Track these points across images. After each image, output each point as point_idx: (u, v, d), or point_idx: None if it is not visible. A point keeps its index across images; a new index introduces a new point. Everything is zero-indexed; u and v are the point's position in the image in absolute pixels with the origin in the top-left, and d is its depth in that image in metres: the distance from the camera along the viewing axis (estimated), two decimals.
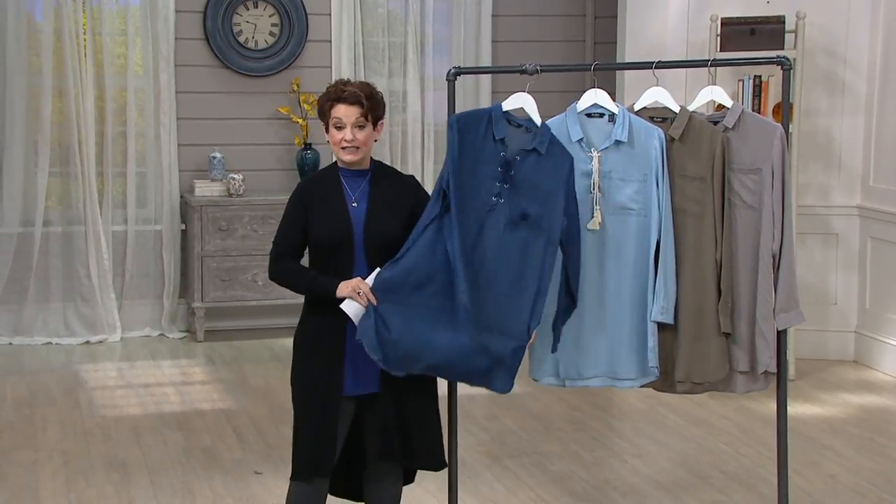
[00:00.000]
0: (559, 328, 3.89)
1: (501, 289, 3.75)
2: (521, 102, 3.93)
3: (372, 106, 3.79)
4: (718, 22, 6.84)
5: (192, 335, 7.83)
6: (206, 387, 6.77)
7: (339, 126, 3.79)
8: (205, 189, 7.78)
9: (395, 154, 8.27)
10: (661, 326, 3.97)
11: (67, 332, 7.77)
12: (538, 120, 3.89)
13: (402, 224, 3.80)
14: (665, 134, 3.97)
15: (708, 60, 4.20)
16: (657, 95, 4.07)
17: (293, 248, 3.85)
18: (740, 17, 6.84)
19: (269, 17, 8.05)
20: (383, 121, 3.88)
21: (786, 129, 4.03)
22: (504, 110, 3.89)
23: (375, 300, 3.71)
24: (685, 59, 6.95)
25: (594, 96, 4.01)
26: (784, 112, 4.13)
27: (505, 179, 3.80)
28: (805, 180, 7.14)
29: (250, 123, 8.06)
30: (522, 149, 3.83)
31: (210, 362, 7.29)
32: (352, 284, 3.72)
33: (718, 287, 3.99)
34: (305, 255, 3.90)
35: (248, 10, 8.02)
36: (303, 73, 8.05)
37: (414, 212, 3.82)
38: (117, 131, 7.85)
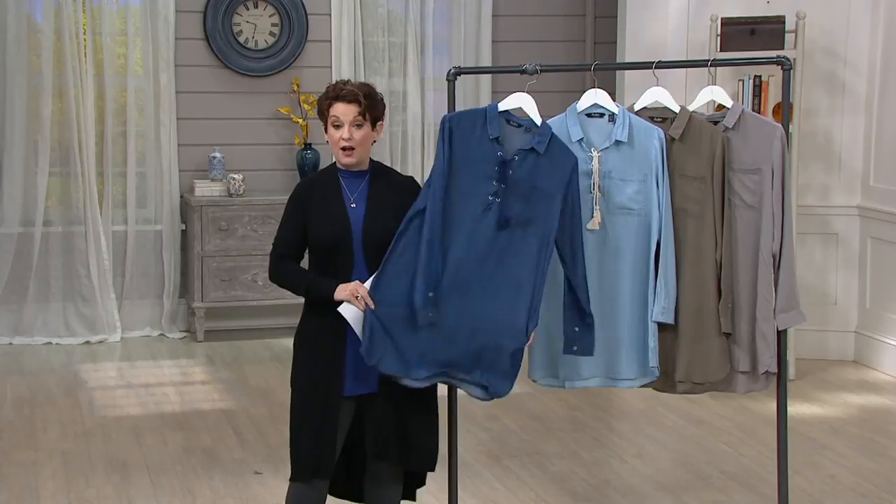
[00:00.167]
0: (574, 345, 3.85)
1: (497, 289, 3.74)
2: (519, 102, 3.92)
3: (370, 105, 3.78)
4: (718, 22, 6.84)
5: (192, 335, 7.83)
6: (206, 387, 6.77)
7: (337, 125, 3.78)
8: (205, 189, 7.78)
9: (395, 154, 8.26)
10: (662, 326, 3.97)
11: (67, 332, 7.77)
12: (538, 119, 3.89)
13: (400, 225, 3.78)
14: (665, 134, 3.97)
15: (708, 60, 4.20)
16: (657, 95, 4.07)
17: (293, 249, 3.84)
18: (740, 17, 6.84)
19: (269, 17, 8.05)
20: (383, 122, 3.86)
21: (786, 129, 4.03)
22: (503, 110, 3.89)
23: (374, 304, 3.71)
24: (685, 59, 6.95)
25: (594, 96, 4.01)
26: (784, 112, 4.13)
27: (501, 179, 3.79)
28: (805, 180, 7.14)
29: (250, 123, 8.06)
30: (521, 148, 3.82)
31: (210, 362, 7.29)
32: (350, 288, 3.71)
33: (719, 287, 3.99)
34: (305, 256, 3.91)
35: (248, 10, 8.02)
36: (303, 73, 8.05)
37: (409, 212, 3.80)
38: (117, 131, 7.85)
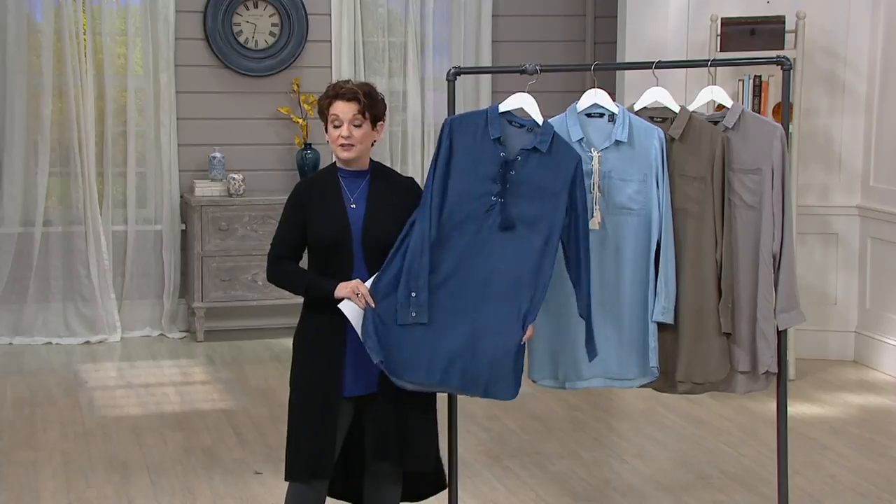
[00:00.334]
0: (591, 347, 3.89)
1: (499, 289, 3.74)
2: (520, 102, 3.92)
3: (370, 104, 3.77)
4: (718, 22, 6.84)
5: (192, 335, 7.83)
6: (206, 387, 6.77)
7: (337, 123, 3.78)
8: (205, 189, 7.77)
9: (395, 154, 8.26)
10: (662, 326, 3.97)
11: (67, 332, 7.77)
12: (539, 119, 3.88)
13: (400, 226, 3.77)
14: (665, 134, 3.97)
15: (708, 60, 4.20)
16: (657, 95, 4.07)
17: (291, 249, 3.83)
18: (740, 17, 6.84)
19: (269, 17, 8.05)
20: (384, 122, 3.85)
21: (786, 129, 4.03)
22: (503, 111, 3.89)
23: (374, 302, 3.71)
24: (685, 59, 6.95)
25: (594, 96, 4.01)
26: (784, 112, 4.13)
27: (504, 180, 3.79)
28: (805, 180, 7.14)
29: (250, 123, 8.06)
30: (523, 148, 3.82)
31: (210, 362, 7.29)
32: (350, 286, 3.71)
33: (719, 287, 3.99)
34: (305, 257, 3.90)
35: (248, 10, 8.02)
36: (303, 73, 8.05)
37: (412, 214, 3.80)
38: (117, 131, 7.85)
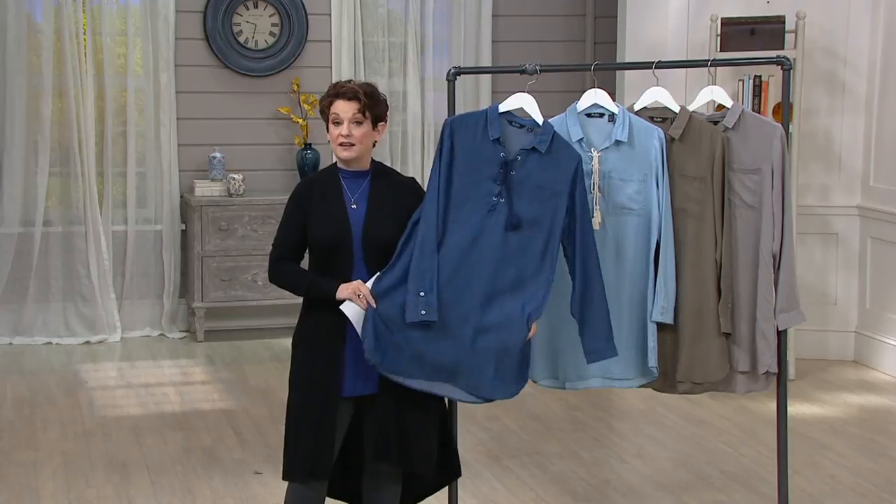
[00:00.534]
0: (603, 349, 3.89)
1: (502, 289, 3.75)
2: (520, 103, 3.92)
3: (371, 104, 3.76)
4: (718, 22, 6.84)
5: (192, 335, 7.83)
6: (206, 387, 6.77)
7: (337, 122, 3.78)
8: (205, 189, 7.77)
9: (395, 154, 8.26)
10: (662, 326, 3.97)
11: (67, 332, 7.77)
12: (539, 119, 3.88)
13: (401, 226, 3.77)
14: (665, 134, 3.97)
15: (708, 60, 4.21)
16: (657, 95, 4.07)
17: (292, 249, 3.83)
18: (740, 17, 6.84)
19: (269, 17, 8.05)
20: (385, 123, 3.85)
21: (786, 129, 4.03)
22: (504, 111, 3.89)
23: (375, 303, 3.71)
24: (685, 59, 6.95)
25: (594, 96, 4.01)
26: (784, 112, 4.13)
27: (505, 180, 3.79)
28: (805, 180, 7.14)
29: (250, 123, 8.06)
30: (523, 148, 3.82)
31: (210, 362, 7.29)
32: (352, 287, 3.71)
33: (718, 287, 3.99)
34: (306, 257, 3.90)
35: (248, 10, 8.02)
36: (303, 73, 8.05)
37: (413, 214, 3.80)
38: (117, 131, 7.85)
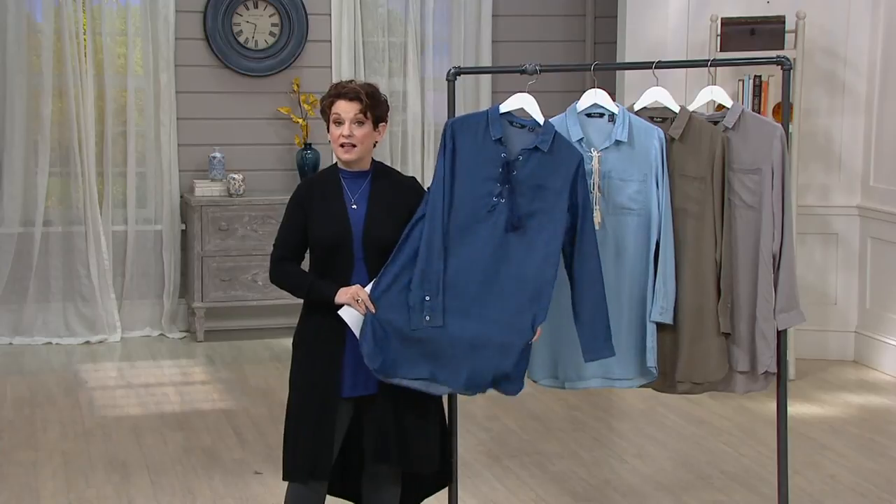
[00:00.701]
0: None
1: (503, 289, 3.75)
2: (520, 103, 3.92)
3: (372, 104, 3.76)
4: (718, 22, 6.84)
5: (192, 335, 7.83)
6: (206, 387, 6.77)
7: (339, 122, 3.78)
8: (205, 189, 7.77)
9: (395, 154, 8.26)
10: (661, 326, 3.97)
11: (67, 332, 7.77)
12: (540, 119, 3.88)
13: (401, 226, 3.77)
14: (665, 134, 3.97)
15: (708, 60, 4.20)
16: (657, 95, 4.07)
17: (293, 250, 3.83)
18: (740, 17, 6.84)
19: (269, 17, 8.05)
20: (386, 124, 3.85)
21: (786, 129, 4.03)
22: (504, 111, 3.89)
23: (374, 308, 3.70)
24: (685, 59, 6.95)
25: (594, 96, 4.01)
26: (784, 112, 4.13)
27: (506, 180, 3.79)
28: (805, 180, 7.14)
29: (250, 123, 8.06)
30: (525, 148, 3.82)
31: (210, 362, 7.29)
32: (350, 291, 3.71)
33: (718, 287, 3.99)
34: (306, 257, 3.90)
35: (248, 10, 8.02)
36: (303, 73, 8.05)
37: (414, 214, 3.79)
38: (117, 131, 7.85)
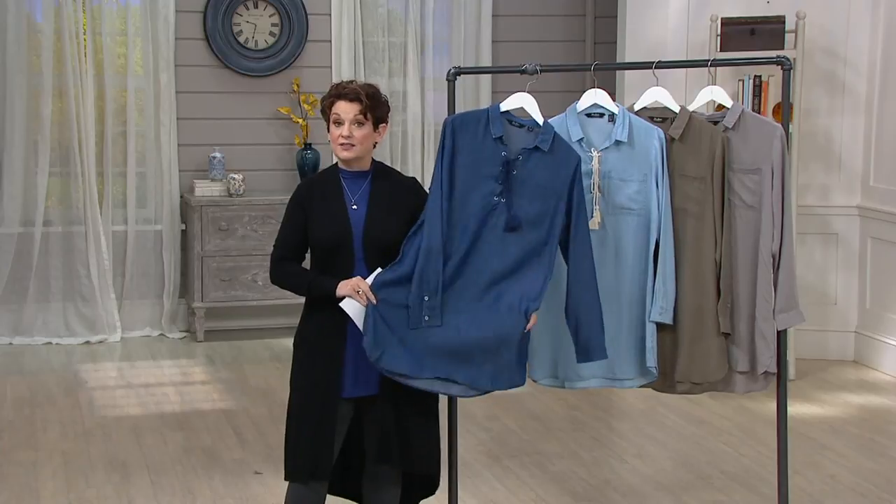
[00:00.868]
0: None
1: (502, 288, 3.74)
2: (520, 102, 3.92)
3: (372, 105, 3.77)
4: (718, 22, 6.84)
5: (192, 335, 7.83)
6: (206, 387, 6.77)
7: (339, 122, 3.78)
8: (205, 189, 7.77)
9: (395, 154, 8.26)
10: (661, 326, 3.97)
11: (67, 332, 7.77)
12: (540, 119, 3.88)
13: (401, 227, 3.78)
14: (665, 134, 3.97)
15: (708, 60, 4.21)
16: (657, 95, 4.07)
17: (293, 250, 3.83)
18: (740, 17, 6.84)
19: (269, 17, 8.05)
20: (386, 125, 3.85)
21: (786, 129, 4.03)
22: (504, 110, 3.89)
23: (375, 299, 3.71)
24: (685, 59, 6.95)
25: (594, 96, 4.01)
26: (784, 112, 4.13)
27: (506, 179, 3.79)
28: (805, 180, 7.13)
29: (250, 123, 8.06)
30: (524, 148, 3.82)
31: (210, 362, 7.29)
32: (351, 283, 3.71)
33: (718, 287, 3.99)
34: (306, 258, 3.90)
35: (248, 10, 8.02)
36: (303, 73, 8.05)
37: (414, 214, 3.80)
38: (117, 131, 7.85)
